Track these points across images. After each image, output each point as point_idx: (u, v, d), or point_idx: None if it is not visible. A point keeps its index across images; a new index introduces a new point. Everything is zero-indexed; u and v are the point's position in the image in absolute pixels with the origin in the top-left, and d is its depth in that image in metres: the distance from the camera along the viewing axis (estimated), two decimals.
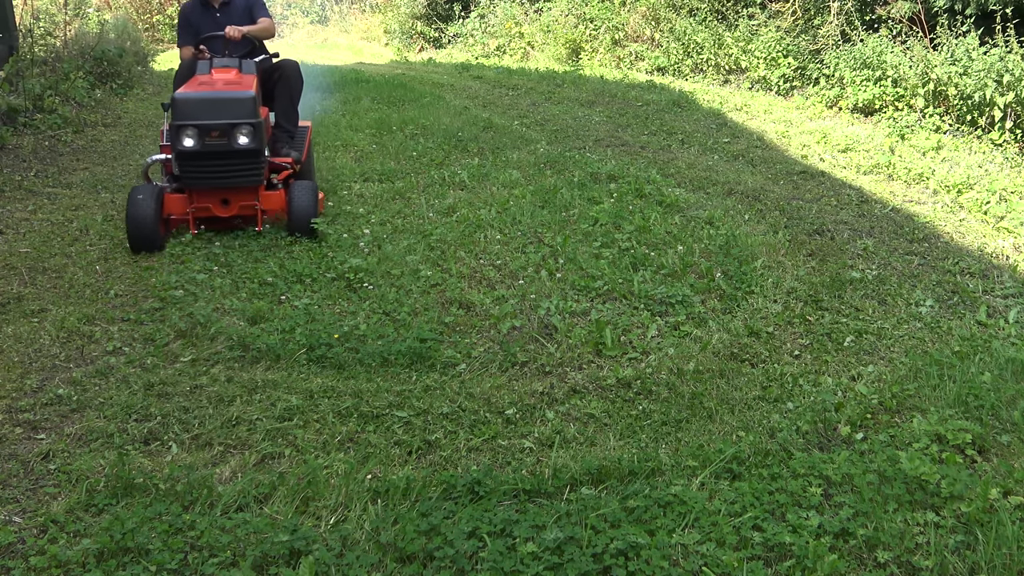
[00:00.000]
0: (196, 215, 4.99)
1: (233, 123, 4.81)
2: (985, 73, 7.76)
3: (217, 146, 4.81)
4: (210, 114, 4.78)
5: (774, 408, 3.24)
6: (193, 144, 4.77)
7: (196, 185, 4.93)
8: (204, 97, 4.80)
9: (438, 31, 18.17)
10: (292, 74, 5.62)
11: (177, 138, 4.77)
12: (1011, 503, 2.48)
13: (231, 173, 4.91)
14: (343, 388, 3.35)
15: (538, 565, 2.21)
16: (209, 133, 4.78)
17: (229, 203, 5.01)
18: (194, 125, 4.76)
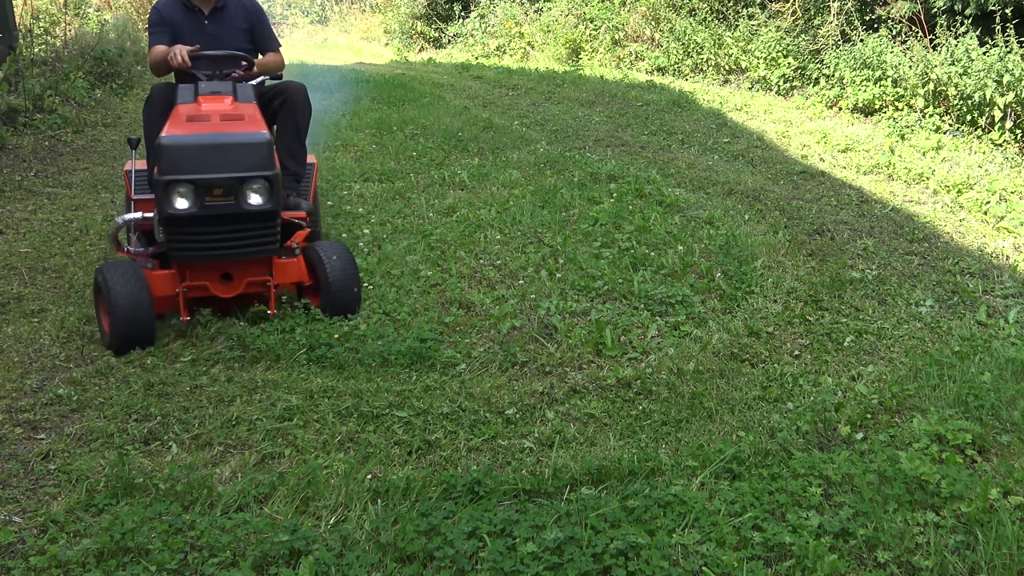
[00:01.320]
0: (189, 296, 3.79)
1: (243, 177, 3.64)
2: (985, 73, 7.76)
3: (221, 208, 3.63)
4: (212, 165, 3.61)
5: (774, 408, 3.24)
6: (189, 206, 3.59)
7: (190, 258, 3.73)
8: (203, 142, 3.64)
9: (438, 31, 18.17)
10: (299, 99, 4.53)
11: (166, 198, 3.58)
12: (1011, 503, 2.48)
13: (239, 242, 3.74)
14: (343, 388, 3.35)
15: (538, 565, 2.21)
16: (211, 191, 3.60)
17: (232, 279, 3.84)
18: (190, 181, 3.57)
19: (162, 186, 3.58)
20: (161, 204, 3.62)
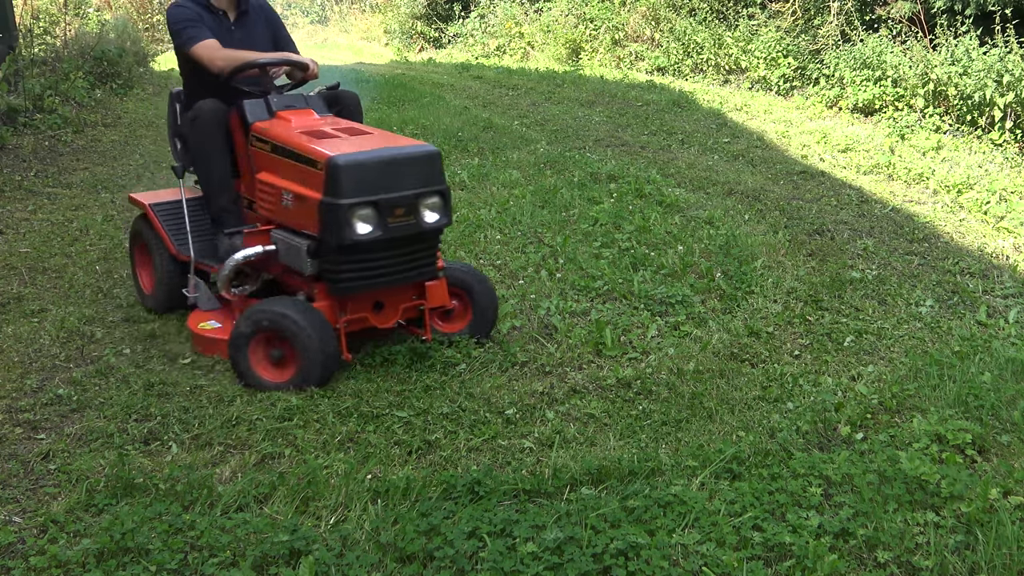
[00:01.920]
0: (348, 330, 3.49)
1: (421, 192, 3.41)
2: (985, 73, 7.76)
3: (403, 228, 3.37)
4: (393, 183, 3.32)
5: (774, 408, 3.24)
6: (372, 230, 3.29)
7: (365, 287, 3.43)
8: (383, 159, 3.32)
9: (438, 31, 18.17)
10: (355, 110, 4.30)
11: (347, 224, 3.25)
12: (1011, 503, 2.47)
13: (414, 265, 3.51)
14: (343, 388, 3.35)
15: (538, 565, 2.21)
16: (393, 211, 3.33)
17: (384, 307, 3.58)
18: (372, 202, 3.28)
19: (342, 211, 3.22)
20: (338, 231, 3.25)
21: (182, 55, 3.91)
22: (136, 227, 4.16)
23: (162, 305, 4.02)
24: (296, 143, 3.43)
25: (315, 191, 3.30)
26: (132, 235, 4.24)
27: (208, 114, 3.74)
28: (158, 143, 7.56)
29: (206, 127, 3.75)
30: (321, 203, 3.27)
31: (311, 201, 3.32)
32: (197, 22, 3.87)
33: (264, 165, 3.62)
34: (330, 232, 3.27)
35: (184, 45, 3.83)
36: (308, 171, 3.34)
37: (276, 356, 3.34)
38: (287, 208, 3.47)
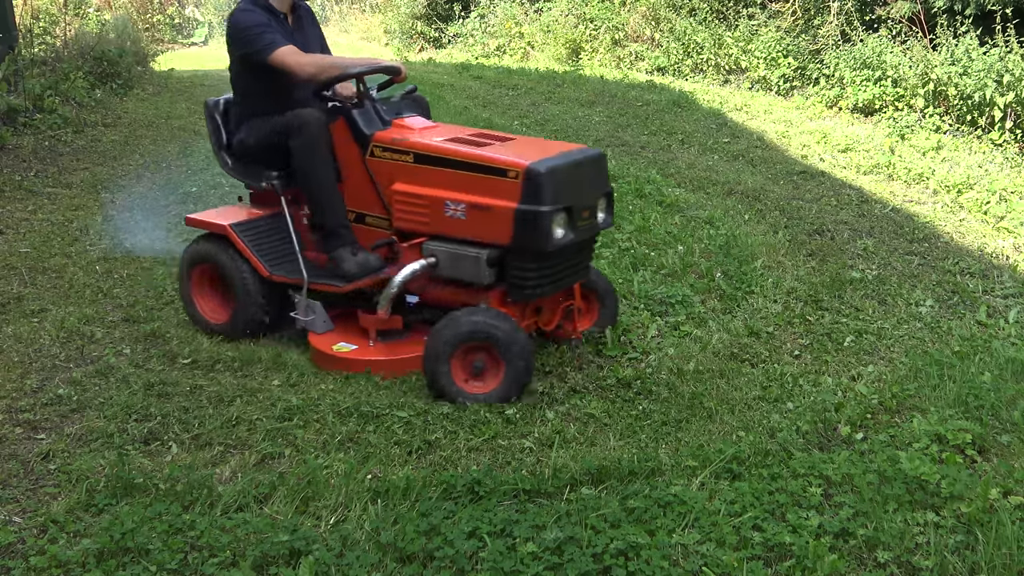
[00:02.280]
0: None
1: (599, 194, 3.52)
2: (985, 73, 7.76)
3: (587, 230, 3.45)
4: (579, 187, 3.38)
5: (774, 408, 3.24)
6: (565, 234, 3.30)
7: (545, 292, 3.45)
8: (568, 164, 3.34)
9: (438, 31, 18.17)
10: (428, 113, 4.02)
11: (548, 231, 3.23)
12: (1011, 503, 2.47)
13: (584, 265, 3.61)
14: (343, 388, 3.35)
15: (538, 565, 2.21)
16: (581, 214, 3.38)
17: (542, 310, 3.65)
18: (567, 208, 3.29)
19: (544, 218, 3.21)
20: (539, 238, 3.23)
21: (252, 63, 3.66)
22: (201, 251, 3.83)
23: (242, 332, 3.77)
24: (468, 153, 3.36)
25: (507, 200, 3.25)
26: (191, 260, 3.86)
27: (315, 125, 3.56)
28: (158, 143, 7.56)
29: (314, 139, 3.55)
30: (518, 211, 3.23)
31: (501, 210, 3.26)
32: (270, 27, 3.68)
33: (403, 175, 3.49)
34: (529, 239, 3.25)
35: (263, 52, 3.60)
36: (495, 180, 3.28)
37: (479, 368, 3.30)
38: (455, 219, 3.38)
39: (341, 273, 3.56)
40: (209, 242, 3.81)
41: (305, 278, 3.59)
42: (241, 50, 3.69)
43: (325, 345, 3.57)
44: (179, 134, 7.97)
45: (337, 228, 3.61)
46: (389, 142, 3.51)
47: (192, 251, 3.88)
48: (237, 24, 3.67)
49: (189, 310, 3.93)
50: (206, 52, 17.95)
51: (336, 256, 3.59)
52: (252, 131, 3.79)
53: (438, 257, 3.44)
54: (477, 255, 3.35)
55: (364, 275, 3.53)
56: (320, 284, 3.61)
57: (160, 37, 18.69)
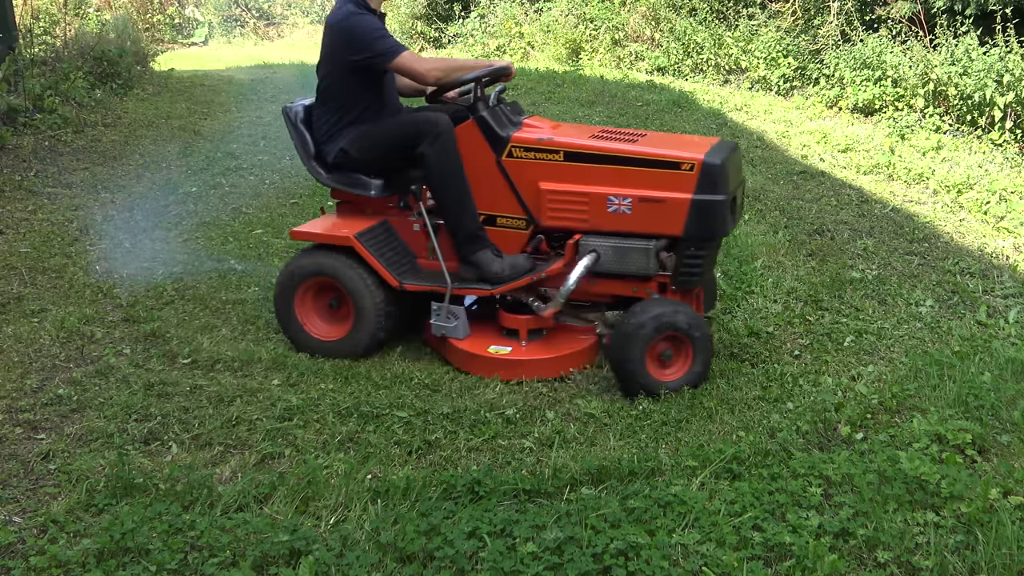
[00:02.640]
0: None
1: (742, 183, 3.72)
2: (985, 73, 7.76)
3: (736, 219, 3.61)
4: (735, 178, 3.54)
5: (774, 408, 3.24)
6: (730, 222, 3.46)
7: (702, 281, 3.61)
8: (728, 156, 3.44)
9: (438, 31, 18.16)
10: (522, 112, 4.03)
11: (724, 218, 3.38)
12: (1011, 503, 2.47)
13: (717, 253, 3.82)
14: (343, 388, 3.35)
15: (538, 565, 2.21)
16: (736, 203, 3.54)
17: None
18: (733, 197, 3.47)
19: (721, 206, 3.36)
20: (716, 226, 3.39)
21: (365, 68, 3.60)
22: (312, 265, 3.66)
23: (363, 349, 3.65)
24: (635, 150, 3.44)
25: (682, 191, 3.36)
26: (298, 275, 3.68)
27: (449, 129, 3.53)
28: (158, 143, 7.56)
29: (450, 143, 3.53)
30: (694, 201, 3.35)
31: (675, 201, 3.37)
32: (386, 31, 3.62)
33: (551, 174, 3.52)
34: (705, 227, 3.38)
35: (385, 56, 3.54)
36: (668, 174, 3.37)
37: (667, 357, 3.38)
38: (618, 213, 3.43)
39: (486, 276, 3.54)
40: (323, 255, 3.64)
41: (449, 284, 3.55)
42: (358, 56, 3.56)
43: (479, 348, 3.55)
44: (179, 134, 7.97)
45: (476, 232, 3.58)
46: (534, 142, 3.52)
47: (298, 266, 3.67)
48: (354, 29, 3.56)
49: (291, 330, 3.72)
50: (206, 52, 17.94)
51: (477, 260, 3.56)
52: (360, 139, 3.66)
53: (600, 252, 3.48)
54: (646, 247, 3.43)
55: (517, 277, 3.53)
56: (465, 289, 3.59)
57: (160, 37, 18.68)
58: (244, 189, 6.22)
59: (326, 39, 3.68)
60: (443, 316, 3.58)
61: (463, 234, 3.58)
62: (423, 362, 3.66)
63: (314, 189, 6.17)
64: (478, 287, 3.56)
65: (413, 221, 3.71)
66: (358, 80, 3.64)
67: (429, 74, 3.58)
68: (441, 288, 3.55)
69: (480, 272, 3.55)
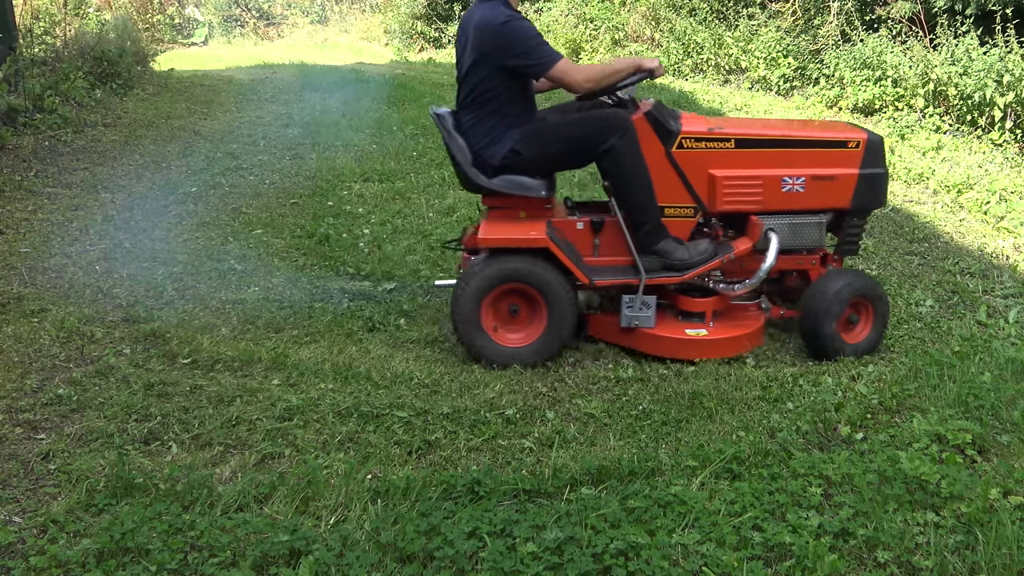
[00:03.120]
0: None
1: None
2: (985, 73, 7.76)
3: None
4: None
5: (774, 408, 3.24)
6: None
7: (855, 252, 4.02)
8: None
9: (438, 31, 18.17)
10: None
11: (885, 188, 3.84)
12: (1011, 503, 2.47)
13: None
14: (343, 388, 3.36)
15: (538, 565, 2.21)
16: None
17: None
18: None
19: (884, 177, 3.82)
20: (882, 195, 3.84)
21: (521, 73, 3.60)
22: (500, 271, 3.60)
23: (550, 352, 3.66)
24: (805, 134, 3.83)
25: (850, 167, 3.74)
26: (488, 282, 3.60)
27: (633, 127, 3.60)
28: (158, 143, 7.56)
29: (635, 138, 3.60)
30: (861, 176, 3.74)
31: (844, 177, 3.74)
32: (542, 37, 3.61)
33: (723, 162, 3.71)
34: (870, 199, 3.80)
35: (543, 63, 3.54)
36: (837, 152, 3.75)
37: (854, 320, 3.75)
38: (792, 192, 3.72)
39: (672, 264, 3.67)
40: (516, 260, 3.60)
41: (643, 276, 3.64)
42: (516, 60, 3.55)
43: (677, 332, 3.70)
44: (179, 134, 7.97)
45: (659, 223, 3.68)
46: (704, 133, 3.71)
47: (487, 274, 3.60)
48: (515, 33, 3.53)
49: (478, 341, 3.63)
50: (206, 52, 17.94)
51: (661, 249, 3.67)
52: (531, 139, 3.64)
53: (779, 231, 3.72)
54: (819, 221, 3.77)
55: (704, 262, 3.68)
56: (656, 279, 3.69)
57: (160, 37, 18.67)
58: (244, 189, 6.22)
59: (476, 41, 3.59)
60: (636, 307, 3.66)
61: (649, 225, 3.66)
62: (423, 362, 3.66)
63: (314, 190, 6.18)
64: (666, 275, 3.69)
65: (576, 220, 3.74)
66: (514, 82, 3.63)
67: (584, 84, 3.61)
68: (632, 280, 3.63)
69: (665, 261, 3.67)
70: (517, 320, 3.68)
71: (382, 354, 3.71)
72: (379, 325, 4.00)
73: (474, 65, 3.60)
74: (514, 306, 3.66)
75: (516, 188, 3.66)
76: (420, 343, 3.85)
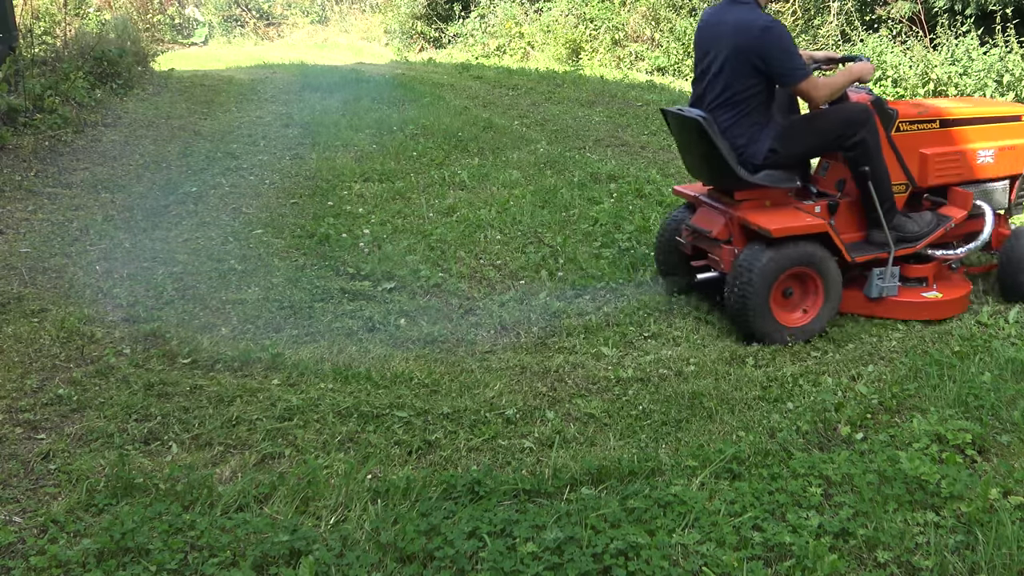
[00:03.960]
0: None
1: None
2: (985, 73, 7.76)
3: None
4: None
5: (774, 408, 3.24)
6: None
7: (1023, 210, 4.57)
8: None
9: (438, 31, 18.17)
10: None
11: None
12: (1011, 503, 2.48)
13: None
14: (343, 388, 3.36)
15: (538, 565, 2.21)
16: None
17: None
18: None
19: None
20: None
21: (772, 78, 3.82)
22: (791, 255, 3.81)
23: (824, 325, 3.94)
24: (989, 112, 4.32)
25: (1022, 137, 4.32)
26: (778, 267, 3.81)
27: (875, 120, 3.97)
28: (158, 143, 7.56)
29: (878, 130, 3.98)
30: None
31: (1020, 147, 4.31)
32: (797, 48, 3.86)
33: (930, 141, 4.16)
34: None
35: (796, 74, 3.78)
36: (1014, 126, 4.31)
37: None
38: (984, 163, 4.24)
39: (906, 236, 4.08)
40: (804, 245, 3.84)
41: (892, 248, 4.00)
42: (779, 67, 3.76)
43: (916, 297, 4.12)
44: (179, 134, 7.97)
45: (894, 201, 4.06)
46: (916, 116, 4.15)
47: (777, 260, 3.79)
48: (777, 40, 3.74)
49: (765, 322, 3.81)
50: (206, 52, 17.95)
51: (897, 223, 4.06)
52: (786, 137, 3.89)
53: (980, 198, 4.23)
54: (1004, 186, 4.34)
55: (931, 232, 4.11)
56: (901, 250, 4.08)
57: (160, 37, 18.67)
58: (244, 189, 6.22)
59: (737, 42, 3.76)
60: (887, 278, 4.03)
61: (888, 203, 4.01)
62: (423, 362, 3.66)
63: (314, 190, 6.18)
64: (901, 247, 4.06)
65: (814, 204, 4.03)
66: (767, 84, 3.85)
67: (821, 103, 3.96)
68: (882, 255, 4.01)
69: (900, 234, 4.05)
70: (790, 301, 3.93)
71: (382, 354, 3.71)
72: (379, 325, 4.00)
73: (732, 65, 3.79)
74: (789, 289, 3.90)
75: (777, 181, 3.95)
76: (420, 343, 3.86)
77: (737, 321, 3.85)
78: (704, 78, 3.90)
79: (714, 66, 3.83)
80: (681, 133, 4.06)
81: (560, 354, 3.69)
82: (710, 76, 3.86)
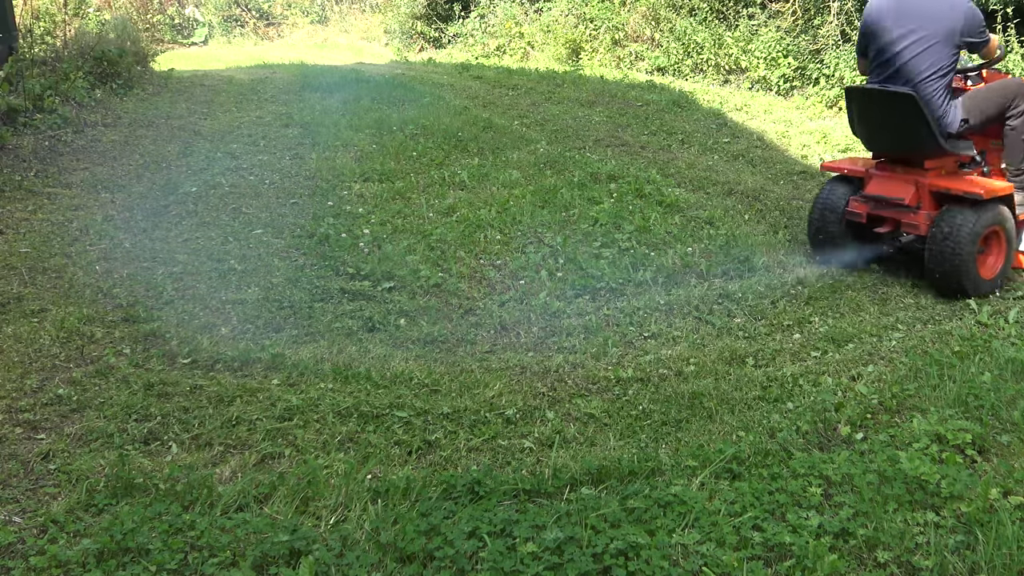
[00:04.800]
0: None
1: None
2: None
3: None
4: None
5: (774, 408, 3.24)
6: None
7: None
8: None
9: (438, 31, 18.17)
10: None
11: None
12: (1011, 503, 2.48)
13: None
14: (343, 388, 3.36)
15: (538, 565, 2.21)
16: None
17: None
18: None
19: None
20: None
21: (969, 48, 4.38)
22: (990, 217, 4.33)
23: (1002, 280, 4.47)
24: None
25: None
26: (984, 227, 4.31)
27: None
28: (158, 143, 7.56)
29: None
30: None
31: None
32: None
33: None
34: None
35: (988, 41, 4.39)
36: None
37: None
38: None
39: None
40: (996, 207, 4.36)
41: None
42: (973, 38, 4.32)
43: None
44: (179, 134, 7.97)
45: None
46: None
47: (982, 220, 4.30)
48: (976, 14, 4.31)
49: (970, 277, 4.30)
50: (206, 52, 17.94)
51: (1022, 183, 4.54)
52: (972, 107, 4.41)
53: None
54: None
55: None
56: None
57: (160, 37, 18.66)
58: (244, 189, 6.22)
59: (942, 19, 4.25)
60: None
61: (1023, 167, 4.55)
62: (423, 362, 3.66)
63: (314, 190, 6.18)
64: None
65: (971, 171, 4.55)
66: (956, 56, 4.33)
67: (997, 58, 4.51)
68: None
69: None
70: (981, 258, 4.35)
71: (382, 354, 3.71)
72: (379, 325, 4.00)
73: (940, 41, 4.27)
74: (980, 247, 4.31)
75: (965, 149, 4.46)
76: (420, 343, 3.86)
77: (946, 278, 4.25)
78: (898, 54, 4.29)
79: (916, 43, 4.27)
80: (880, 108, 4.38)
81: (560, 354, 3.69)
82: (910, 52, 4.26)
